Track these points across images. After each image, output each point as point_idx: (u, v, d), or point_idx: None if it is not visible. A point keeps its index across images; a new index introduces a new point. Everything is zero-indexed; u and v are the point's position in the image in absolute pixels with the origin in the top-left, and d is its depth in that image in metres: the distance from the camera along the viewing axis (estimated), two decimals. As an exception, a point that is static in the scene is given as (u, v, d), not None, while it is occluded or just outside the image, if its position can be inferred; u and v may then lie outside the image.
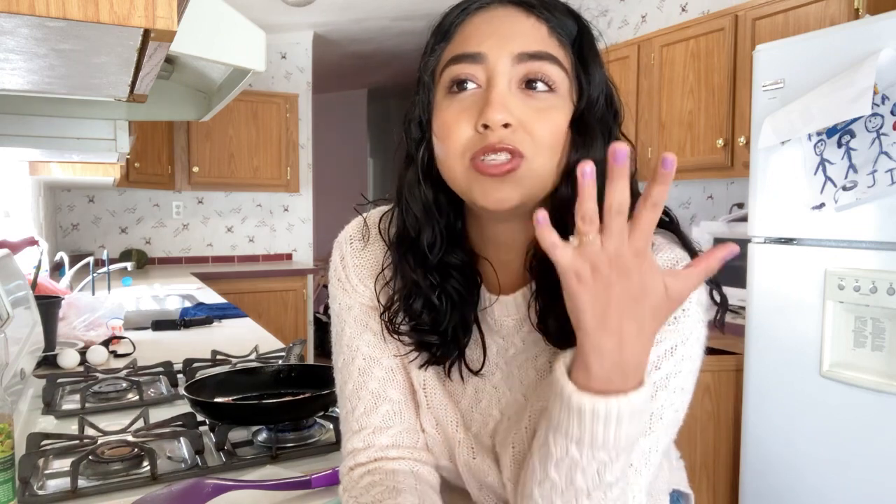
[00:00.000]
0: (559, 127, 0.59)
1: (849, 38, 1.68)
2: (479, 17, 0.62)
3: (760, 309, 1.92)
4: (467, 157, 0.59)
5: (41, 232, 3.00)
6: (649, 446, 0.59)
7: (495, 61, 0.59)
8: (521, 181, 0.58)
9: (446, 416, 0.72)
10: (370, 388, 0.72)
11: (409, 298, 0.67)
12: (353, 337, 0.73)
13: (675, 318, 0.59)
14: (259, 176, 4.14)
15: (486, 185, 0.59)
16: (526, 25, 0.60)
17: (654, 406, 0.59)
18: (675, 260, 0.62)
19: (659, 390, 0.59)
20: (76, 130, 1.42)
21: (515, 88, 0.59)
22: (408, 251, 0.66)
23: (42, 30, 0.46)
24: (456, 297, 0.66)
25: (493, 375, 0.71)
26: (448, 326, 0.67)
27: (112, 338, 1.72)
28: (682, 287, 0.50)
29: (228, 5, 1.08)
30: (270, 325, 3.75)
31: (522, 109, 0.58)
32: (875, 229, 1.63)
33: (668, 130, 2.77)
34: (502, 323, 0.69)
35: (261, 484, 0.82)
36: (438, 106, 0.62)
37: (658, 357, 0.59)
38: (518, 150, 0.57)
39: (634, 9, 3.40)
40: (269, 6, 3.71)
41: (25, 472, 0.84)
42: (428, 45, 0.65)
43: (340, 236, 0.76)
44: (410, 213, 0.65)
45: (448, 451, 0.74)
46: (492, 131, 0.57)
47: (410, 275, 0.66)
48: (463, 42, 0.61)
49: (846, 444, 1.70)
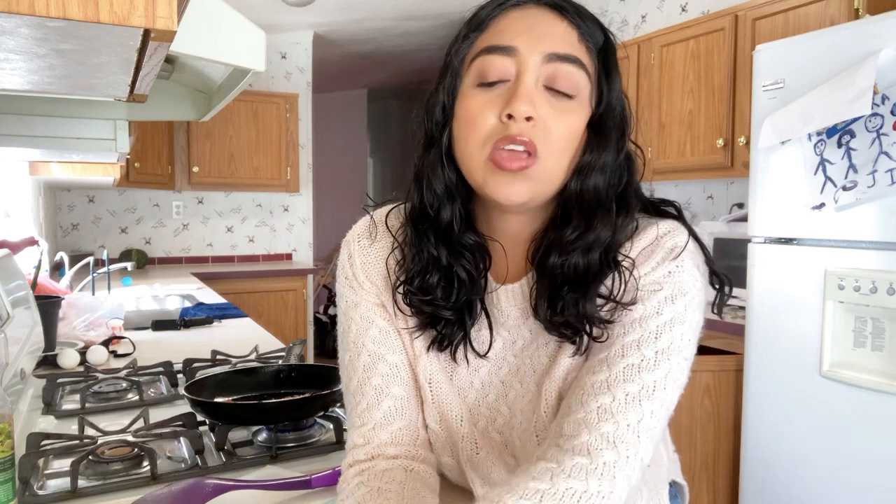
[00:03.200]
0: (575, 129, 0.62)
1: (849, 38, 1.68)
2: (514, 14, 0.64)
3: (760, 309, 1.92)
4: (488, 147, 0.62)
5: (41, 232, 3.00)
6: (651, 408, 0.60)
7: (527, 56, 0.61)
8: (533, 179, 0.62)
9: (451, 411, 0.73)
10: (374, 384, 0.72)
11: (425, 273, 0.69)
12: (359, 334, 0.74)
13: (668, 271, 0.63)
14: (259, 176, 4.14)
15: (499, 180, 0.62)
16: (559, 28, 0.63)
17: (659, 346, 0.61)
18: (669, 228, 0.65)
19: (663, 333, 0.62)
20: (76, 130, 1.42)
21: (541, 86, 0.62)
22: (428, 228, 0.68)
23: (42, 30, 0.46)
24: (465, 277, 0.68)
25: (501, 370, 0.72)
26: (457, 304, 0.68)
27: (112, 338, 1.72)
28: None
29: (228, 5, 1.08)
30: (270, 325, 3.75)
31: (545, 107, 0.61)
32: (875, 229, 1.63)
33: (668, 130, 2.77)
34: (508, 313, 0.70)
35: (261, 484, 0.82)
36: (464, 93, 0.65)
37: (659, 303, 0.62)
38: (534, 144, 0.60)
39: (634, 9, 3.40)
40: (269, 6, 3.71)
41: (25, 472, 0.84)
42: (460, 33, 0.67)
43: (348, 235, 0.77)
44: (431, 191, 0.67)
45: (451, 447, 0.74)
46: (514, 122, 0.60)
47: (431, 250, 0.68)
48: (497, 34, 0.64)
49: (846, 443, 1.70)
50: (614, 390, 0.60)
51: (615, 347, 0.62)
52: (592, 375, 0.62)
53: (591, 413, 0.60)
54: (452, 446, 0.74)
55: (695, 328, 0.63)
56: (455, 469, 0.76)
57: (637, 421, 0.59)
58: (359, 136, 6.82)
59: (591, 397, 0.61)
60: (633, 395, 0.60)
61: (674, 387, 0.62)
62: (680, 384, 0.63)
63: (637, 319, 0.62)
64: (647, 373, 0.60)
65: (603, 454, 0.58)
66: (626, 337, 0.62)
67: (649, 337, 0.61)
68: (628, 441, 0.58)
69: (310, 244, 4.67)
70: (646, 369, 0.60)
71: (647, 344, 0.61)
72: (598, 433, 0.58)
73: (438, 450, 0.75)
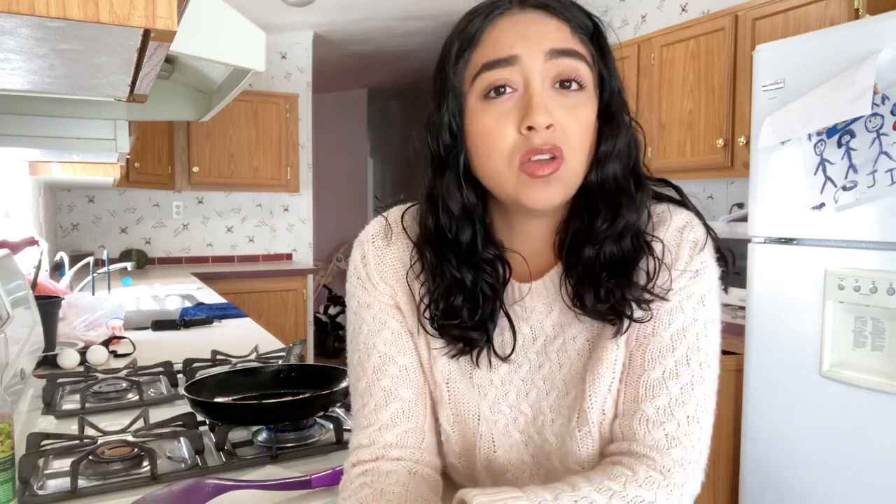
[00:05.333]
0: (589, 122, 0.63)
1: (849, 38, 1.68)
2: (504, 22, 0.63)
3: (760, 309, 1.92)
4: (516, 160, 0.62)
5: (41, 232, 3.00)
6: (708, 421, 0.65)
7: (529, 61, 0.61)
8: (563, 180, 0.63)
9: (468, 411, 0.72)
10: (383, 386, 0.72)
11: (449, 296, 0.68)
12: (370, 335, 0.73)
13: (696, 271, 0.66)
14: (259, 176, 4.14)
15: (534, 188, 0.62)
16: (551, 26, 0.63)
17: (692, 346, 0.66)
18: (686, 220, 0.68)
19: (700, 338, 0.66)
20: (76, 130, 1.42)
21: (549, 87, 0.62)
22: (448, 251, 0.68)
23: (42, 30, 0.46)
24: (489, 291, 0.69)
25: (521, 368, 0.72)
26: (483, 318, 0.69)
27: (112, 338, 1.72)
28: None
29: (228, 5, 1.08)
30: (270, 325, 3.75)
31: (558, 110, 0.62)
32: (875, 229, 1.63)
33: (668, 130, 2.77)
34: (532, 308, 0.71)
35: (261, 484, 0.82)
36: (473, 112, 0.64)
37: (693, 307, 0.66)
38: (560, 148, 0.61)
39: (634, 9, 3.40)
40: (269, 6, 3.71)
41: (25, 472, 0.84)
42: (452, 52, 0.65)
43: (362, 235, 0.77)
44: (448, 213, 0.67)
45: (464, 449, 0.74)
46: (536, 132, 0.60)
47: (454, 272, 0.68)
48: (492, 47, 0.63)
49: (846, 443, 1.70)
50: (678, 415, 0.64)
51: (665, 344, 0.66)
52: (654, 393, 0.66)
53: (661, 429, 0.64)
54: (465, 448, 0.73)
55: (717, 321, 0.68)
56: (464, 473, 0.75)
57: (698, 439, 0.64)
58: (359, 136, 6.82)
59: (657, 410, 0.65)
60: (692, 416, 0.64)
61: (713, 393, 0.67)
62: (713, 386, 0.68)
63: (675, 307, 0.66)
64: (699, 387, 0.65)
65: (674, 476, 0.63)
66: (670, 327, 0.66)
67: (694, 334, 0.66)
68: (694, 462, 0.64)
69: (310, 244, 4.67)
70: (697, 383, 0.65)
71: (689, 348, 0.66)
72: (670, 458, 0.63)
73: (447, 452, 0.75)
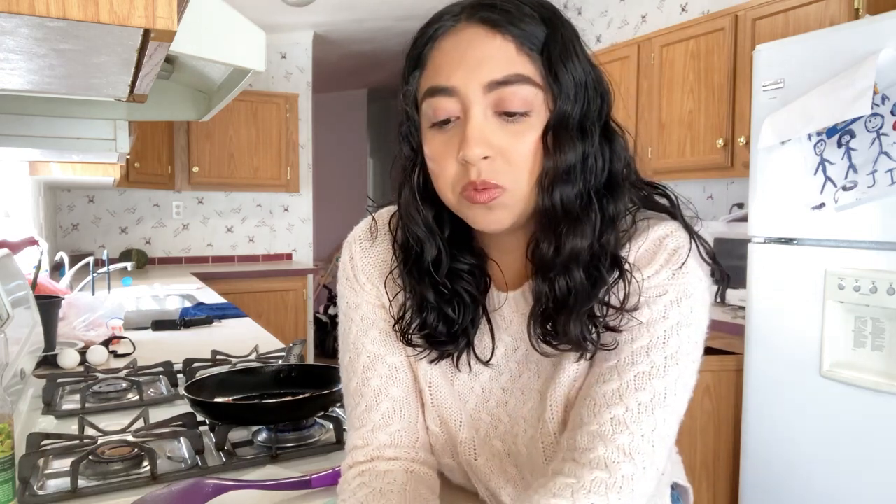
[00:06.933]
0: (535, 146, 0.60)
1: (849, 38, 1.68)
2: (447, 43, 0.62)
3: (760, 309, 1.92)
4: (457, 189, 0.62)
5: (41, 232, 3.00)
6: (664, 416, 0.60)
7: (466, 93, 0.59)
8: (507, 206, 0.61)
9: (451, 415, 0.73)
10: (373, 385, 0.72)
11: (421, 312, 0.68)
12: (359, 335, 0.74)
13: (672, 273, 0.61)
14: (259, 176, 4.14)
15: (477, 212, 0.62)
16: (493, 46, 0.59)
17: (667, 351, 0.61)
18: (667, 231, 0.63)
19: (668, 336, 0.61)
20: (76, 130, 1.42)
21: (492, 115, 0.60)
22: (413, 266, 0.68)
23: (42, 30, 0.46)
24: (468, 300, 0.68)
25: (502, 376, 0.71)
26: (461, 328, 0.68)
27: (112, 338, 1.72)
28: None
29: (228, 5, 1.08)
30: (270, 325, 3.74)
31: (500, 136, 0.60)
32: (875, 229, 1.63)
33: (668, 130, 2.77)
34: (511, 319, 0.70)
35: (261, 484, 0.82)
36: (425, 134, 0.64)
37: (664, 305, 0.61)
38: (494, 183, 0.60)
39: (634, 9, 3.39)
40: (269, 6, 3.71)
41: (25, 472, 0.84)
42: (405, 72, 0.66)
43: (349, 236, 0.77)
44: (411, 230, 0.67)
45: (452, 450, 0.74)
46: (472, 165, 0.59)
47: (420, 289, 0.68)
48: (435, 72, 0.62)
49: (846, 443, 1.70)
50: (626, 400, 0.60)
51: (624, 354, 0.61)
52: (603, 385, 0.61)
53: (604, 425, 0.59)
54: (453, 449, 0.74)
55: (701, 329, 0.63)
56: (457, 470, 0.75)
57: (651, 430, 0.59)
58: (359, 136, 6.82)
59: (603, 408, 0.60)
60: (645, 404, 0.60)
61: (684, 391, 0.62)
62: (689, 388, 0.63)
63: (644, 324, 0.61)
64: (658, 379, 0.60)
65: (621, 467, 0.58)
66: (634, 343, 0.61)
67: (657, 342, 0.61)
68: (644, 451, 0.59)
69: (310, 244, 4.67)
70: (656, 376, 0.60)
71: (655, 349, 0.60)
72: (614, 445, 0.58)
73: (439, 452, 0.75)
